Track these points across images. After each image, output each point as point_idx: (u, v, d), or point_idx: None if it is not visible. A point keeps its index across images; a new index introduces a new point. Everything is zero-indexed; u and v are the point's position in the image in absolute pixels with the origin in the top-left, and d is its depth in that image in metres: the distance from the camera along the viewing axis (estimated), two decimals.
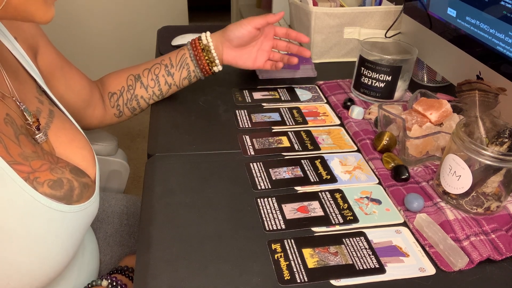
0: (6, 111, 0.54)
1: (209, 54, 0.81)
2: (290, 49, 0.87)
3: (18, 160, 0.51)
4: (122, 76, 0.83)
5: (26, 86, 0.61)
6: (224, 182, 0.66)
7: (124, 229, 0.82)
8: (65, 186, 0.54)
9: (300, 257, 0.54)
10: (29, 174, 0.51)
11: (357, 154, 0.74)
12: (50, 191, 0.52)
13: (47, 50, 0.70)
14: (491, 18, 0.69)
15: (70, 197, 0.55)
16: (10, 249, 0.49)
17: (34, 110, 0.59)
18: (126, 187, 1.01)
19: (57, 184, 0.53)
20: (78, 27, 2.39)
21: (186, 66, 0.82)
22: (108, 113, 0.83)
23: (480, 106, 0.64)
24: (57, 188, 0.53)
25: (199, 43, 0.81)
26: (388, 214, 0.62)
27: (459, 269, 0.53)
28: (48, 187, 0.52)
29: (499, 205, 0.61)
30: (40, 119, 0.59)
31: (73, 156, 0.60)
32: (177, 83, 0.83)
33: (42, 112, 0.60)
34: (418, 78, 1.00)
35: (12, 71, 0.59)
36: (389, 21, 1.04)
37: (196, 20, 3.50)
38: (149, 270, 0.51)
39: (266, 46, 0.85)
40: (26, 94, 0.60)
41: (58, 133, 0.60)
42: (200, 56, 0.81)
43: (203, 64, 0.81)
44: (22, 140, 0.53)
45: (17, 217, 0.49)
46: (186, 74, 0.82)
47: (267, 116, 0.84)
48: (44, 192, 0.51)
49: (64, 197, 0.54)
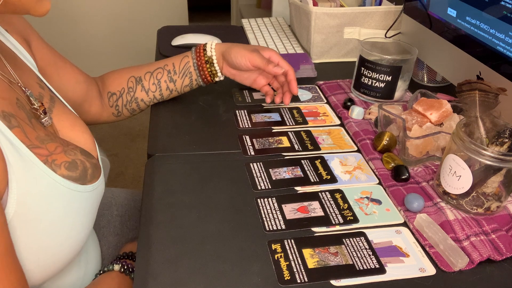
0: (16, 96, 0.55)
1: (212, 67, 0.81)
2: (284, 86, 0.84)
3: (36, 143, 0.53)
4: (123, 76, 0.82)
5: (26, 72, 0.62)
6: (224, 182, 0.66)
7: (115, 219, 0.84)
8: (79, 167, 0.57)
9: (300, 257, 0.54)
10: (47, 157, 0.53)
11: (357, 154, 0.74)
12: (67, 173, 0.55)
13: (39, 45, 0.70)
14: (491, 18, 0.69)
15: (85, 177, 0.57)
16: (38, 231, 0.51)
17: (37, 95, 0.60)
18: (127, 187, 1.01)
19: (73, 166, 0.56)
20: (78, 27, 2.39)
21: (189, 74, 0.82)
22: (106, 111, 0.83)
23: (480, 106, 0.64)
24: (73, 170, 0.56)
25: (204, 54, 0.81)
26: (388, 214, 0.62)
27: (459, 269, 0.53)
28: (65, 168, 0.55)
29: (499, 205, 0.61)
30: (44, 103, 0.60)
31: (76, 138, 0.62)
32: (179, 90, 0.84)
33: (44, 97, 0.62)
34: (418, 78, 1.00)
35: (10, 59, 0.60)
36: (389, 21, 1.04)
37: (196, 20, 3.50)
38: (149, 270, 0.51)
39: (268, 73, 0.83)
40: (28, 80, 0.61)
41: (61, 117, 0.62)
42: (203, 67, 0.81)
43: (205, 75, 0.82)
44: (34, 124, 0.55)
45: (43, 199, 0.51)
46: (188, 82, 0.83)
47: (267, 116, 0.84)
48: (62, 174, 0.54)
49: (80, 178, 0.56)
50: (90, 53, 2.46)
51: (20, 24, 0.67)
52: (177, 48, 1.12)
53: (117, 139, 2.20)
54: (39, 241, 0.51)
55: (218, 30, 1.23)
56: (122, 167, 1.99)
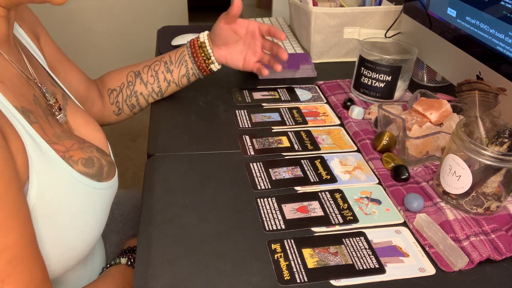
0: (33, 93, 0.56)
1: (205, 50, 0.82)
2: (271, 49, 0.85)
3: (54, 139, 0.53)
4: (122, 73, 0.84)
5: (38, 69, 0.62)
6: (224, 182, 0.66)
7: (116, 218, 0.84)
8: (96, 164, 0.58)
9: (300, 257, 0.54)
10: (65, 153, 0.54)
11: (357, 154, 0.74)
12: (84, 169, 0.55)
13: (47, 42, 0.71)
14: (491, 18, 0.69)
15: (101, 174, 0.58)
16: (56, 226, 0.52)
17: (51, 92, 0.61)
18: (127, 187, 1.01)
19: (89, 162, 0.57)
20: (78, 27, 2.39)
21: (185, 63, 0.83)
22: (107, 110, 0.83)
23: (480, 106, 0.64)
24: (90, 166, 0.56)
25: (197, 41, 0.82)
26: (388, 214, 0.62)
27: (459, 269, 0.53)
28: (82, 165, 0.55)
29: (499, 205, 0.61)
30: (58, 100, 0.60)
31: (91, 137, 0.63)
32: (176, 81, 0.84)
33: (57, 94, 0.62)
34: (418, 78, 1.00)
35: (26, 55, 0.60)
36: (389, 21, 1.04)
37: (196, 20, 3.50)
38: (149, 270, 0.52)
39: (255, 46, 0.84)
40: (42, 77, 0.61)
41: (75, 115, 0.63)
42: (197, 52, 0.82)
43: (200, 60, 0.82)
44: (50, 121, 0.56)
45: (61, 194, 0.52)
46: (185, 71, 0.83)
47: (267, 116, 0.84)
48: (79, 170, 0.54)
49: (96, 175, 0.57)
50: (89, 53, 2.46)
51: (31, 20, 0.67)
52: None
53: (117, 139, 2.20)
54: (57, 235, 0.52)
55: None
56: (122, 167, 1.99)
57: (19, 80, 0.54)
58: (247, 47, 0.85)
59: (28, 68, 0.58)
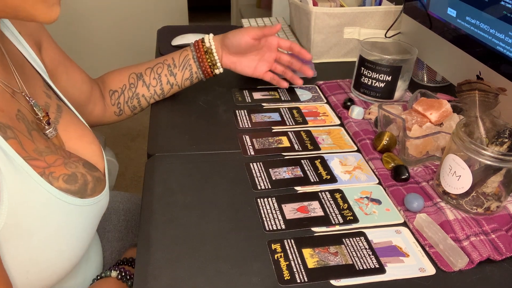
0: (18, 107, 0.54)
1: (212, 56, 0.82)
2: (292, 65, 0.87)
3: (33, 155, 0.51)
4: (124, 74, 0.83)
5: (33, 80, 0.61)
6: (224, 182, 0.66)
7: (122, 224, 0.83)
8: (79, 180, 0.55)
9: (300, 257, 0.54)
10: (45, 169, 0.52)
11: (357, 154, 0.74)
12: (65, 186, 0.53)
13: (50, 46, 0.70)
14: (491, 18, 0.69)
15: (84, 191, 0.56)
16: (29, 244, 0.49)
17: (43, 104, 0.59)
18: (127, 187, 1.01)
19: (72, 179, 0.54)
20: (78, 27, 2.39)
21: (189, 67, 0.82)
22: (108, 111, 0.83)
23: (480, 106, 0.64)
24: (72, 183, 0.54)
25: (202, 45, 0.82)
26: (388, 214, 0.62)
27: (459, 269, 0.53)
28: (63, 181, 0.53)
29: (499, 205, 0.61)
30: (49, 113, 0.59)
31: (83, 150, 0.61)
32: (179, 83, 0.84)
33: (51, 106, 0.61)
34: (418, 78, 1.00)
35: (19, 65, 0.59)
36: (389, 21, 1.04)
37: (196, 20, 3.50)
38: (149, 270, 0.52)
39: (269, 57, 0.86)
40: (35, 89, 0.60)
41: (67, 128, 0.61)
42: (202, 58, 0.81)
43: (205, 66, 0.82)
44: (34, 136, 0.54)
45: (35, 212, 0.50)
46: (189, 75, 0.83)
47: (267, 116, 0.84)
48: (59, 186, 0.52)
49: (79, 191, 0.55)
50: (90, 53, 2.46)
51: (32, 25, 0.66)
52: (177, 48, 1.12)
53: (117, 139, 2.20)
54: (30, 254, 0.50)
55: (218, 30, 1.22)
56: (122, 167, 1.99)
57: (1, 95, 0.52)
58: (260, 57, 0.85)
59: (17, 81, 0.56)
